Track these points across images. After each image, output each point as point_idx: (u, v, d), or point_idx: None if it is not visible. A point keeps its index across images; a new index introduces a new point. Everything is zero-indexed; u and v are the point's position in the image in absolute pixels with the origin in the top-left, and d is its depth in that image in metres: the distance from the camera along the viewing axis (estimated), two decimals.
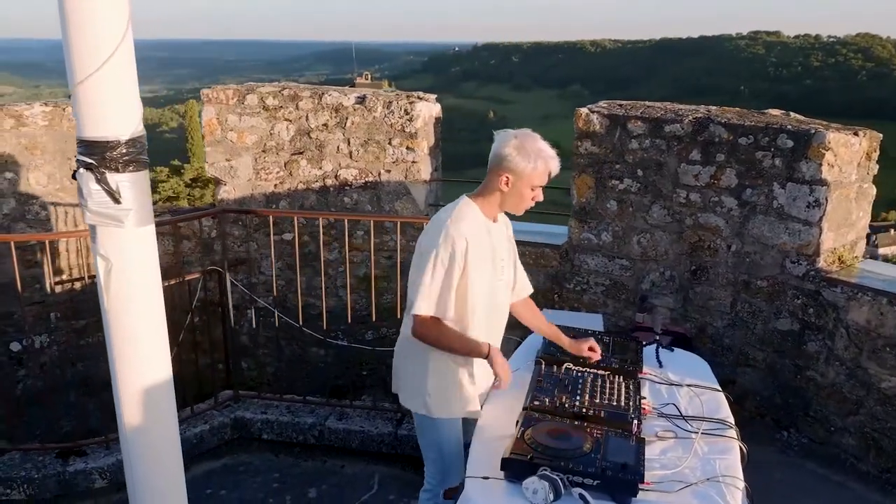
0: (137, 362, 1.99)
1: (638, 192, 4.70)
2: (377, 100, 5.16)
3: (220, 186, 5.50)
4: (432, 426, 2.82)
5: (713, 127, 4.37)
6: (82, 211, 1.84)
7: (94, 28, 1.74)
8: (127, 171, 1.85)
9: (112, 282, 1.89)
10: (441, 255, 2.51)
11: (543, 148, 2.56)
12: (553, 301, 5.18)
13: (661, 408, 2.92)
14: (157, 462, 2.09)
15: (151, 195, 1.94)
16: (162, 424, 2.06)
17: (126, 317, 1.94)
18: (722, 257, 4.49)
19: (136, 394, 1.99)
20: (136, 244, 1.92)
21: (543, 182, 2.60)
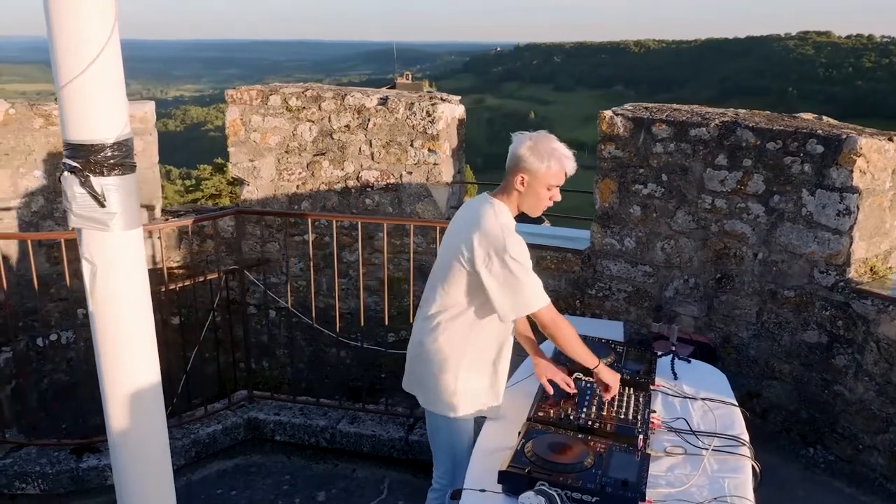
0: (124, 366, 1.98)
1: (662, 198, 4.58)
2: (399, 101, 5.14)
3: (244, 187, 5.53)
4: (449, 426, 2.79)
5: (740, 131, 4.23)
6: (67, 214, 1.83)
7: (79, 30, 1.74)
8: (112, 174, 1.84)
9: (97, 285, 1.88)
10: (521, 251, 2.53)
11: (557, 148, 2.56)
12: (574, 307, 5.08)
13: (672, 422, 2.83)
14: (145, 466, 2.08)
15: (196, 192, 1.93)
16: (150, 428, 2.05)
17: (112, 320, 1.94)
18: (748, 266, 4.34)
19: (122, 397, 1.99)
20: (123, 248, 1.91)
21: (559, 182, 2.60)
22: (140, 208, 5.48)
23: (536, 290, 2.55)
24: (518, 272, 2.51)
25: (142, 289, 1.97)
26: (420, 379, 2.79)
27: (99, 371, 1.98)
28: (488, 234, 2.51)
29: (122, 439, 2.03)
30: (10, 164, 4.91)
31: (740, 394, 4.48)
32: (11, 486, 3.65)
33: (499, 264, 2.49)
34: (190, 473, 3.98)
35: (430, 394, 2.76)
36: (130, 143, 1.88)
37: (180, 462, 3.94)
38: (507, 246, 2.49)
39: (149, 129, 5.44)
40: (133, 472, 2.07)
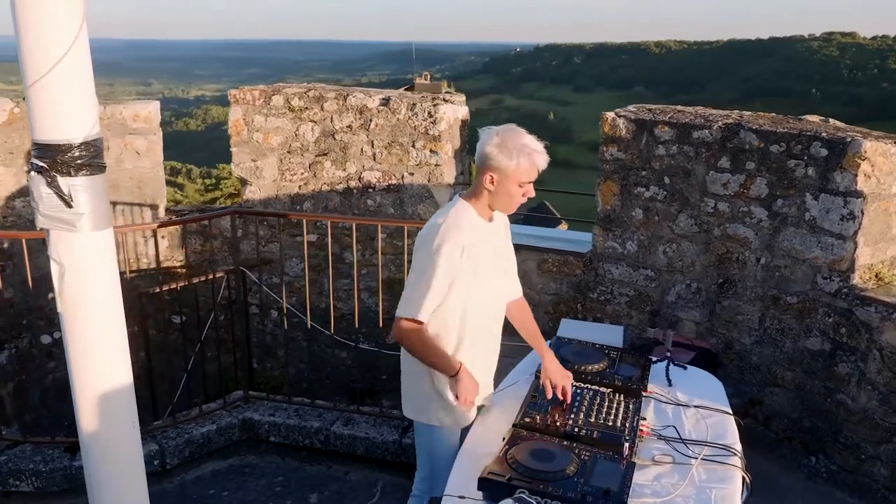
0: (94, 368, 1.97)
1: (664, 201, 4.51)
2: (401, 102, 5.11)
3: (246, 187, 5.54)
4: (430, 433, 2.75)
5: (743, 133, 4.16)
6: (34, 214, 1.82)
7: (46, 29, 1.73)
8: (80, 174, 1.83)
9: (66, 286, 1.87)
10: (440, 260, 2.43)
11: (527, 143, 2.45)
12: (576, 310, 5.03)
13: (662, 429, 2.77)
14: (117, 469, 2.07)
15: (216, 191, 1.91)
16: (121, 430, 2.04)
17: (82, 322, 1.93)
18: (750, 270, 4.27)
19: (93, 399, 1.98)
20: (92, 248, 1.89)
21: (531, 178, 2.49)
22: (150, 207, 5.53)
23: (415, 301, 2.43)
24: (420, 277, 2.43)
25: (112, 290, 1.96)
26: (402, 386, 2.76)
27: (69, 372, 1.97)
28: (426, 238, 2.48)
29: (92, 441, 2.02)
30: (15, 163, 4.95)
31: (742, 401, 4.42)
32: (6, 484, 3.67)
33: (414, 261, 2.49)
34: (184, 473, 3.98)
35: (409, 401, 2.73)
36: (100, 144, 1.87)
37: (174, 462, 3.94)
38: (434, 241, 2.42)
39: (153, 129, 5.47)
40: (105, 474, 2.05)
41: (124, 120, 5.30)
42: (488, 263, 2.56)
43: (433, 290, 2.42)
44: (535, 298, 5.18)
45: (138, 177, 5.46)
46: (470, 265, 2.46)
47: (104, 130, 5.21)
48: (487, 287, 2.58)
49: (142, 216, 5.50)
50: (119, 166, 5.34)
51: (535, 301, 5.18)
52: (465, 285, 2.49)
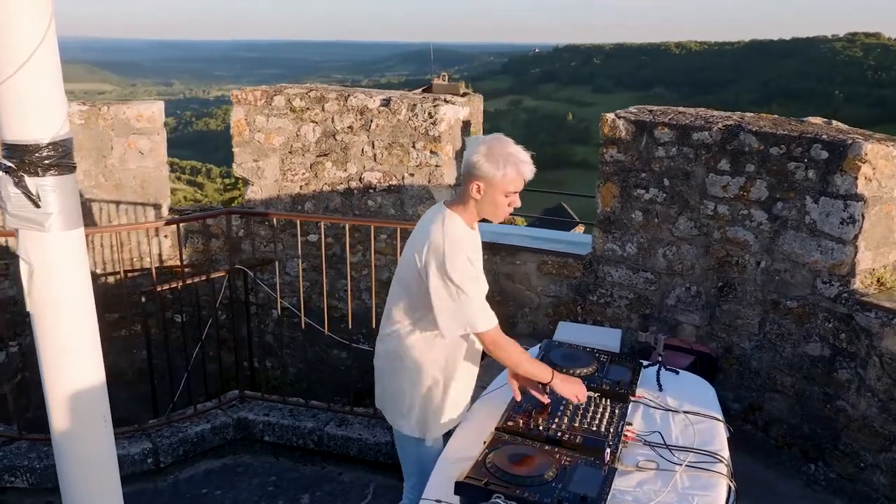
0: (65, 368, 1.98)
1: (664, 203, 4.46)
2: (402, 102, 5.10)
3: (248, 187, 5.56)
4: (417, 445, 2.75)
5: (743, 135, 4.10)
6: (2, 214, 1.83)
7: (13, 30, 1.73)
8: (49, 174, 1.83)
9: (35, 286, 1.88)
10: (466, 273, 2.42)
11: (514, 152, 2.44)
12: (576, 313, 4.99)
13: (648, 435, 2.74)
14: (89, 468, 2.07)
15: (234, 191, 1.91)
16: (93, 431, 2.05)
17: (52, 321, 1.94)
18: (750, 274, 4.21)
19: (64, 399, 1.98)
20: (62, 248, 1.90)
21: (518, 188, 2.48)
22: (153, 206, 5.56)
23: (478, 310, 2.45)
24: (459, 289, 2.41)
25: (82, 290, 1.97)
26: (383, 395, 2.74)
27: (41, 373, 1.98)
28: (434, 248, 2.45)
29: (64, 440, 2.03)
30: None
31: (742, 406, 4.37)
32: (1, 479, 3.71)
33: (439, 279, 2.42)
34: (178, 472, 4.00)
35: (394, 412, 2.72)
36: (69, 144, 1.87)
37: (168, 460, 3.96)
38: (446, 262, 2.40)
39: (156, 129, 5.51)
40: (77, 473, 2.06)
41: (128, 120, 5.34)
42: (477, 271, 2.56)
43: (479, 295, 2.45)
44: (534, 301, 5.15)
45: (142, 176, 5.50)
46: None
47: (108, 130, 5.29)
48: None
49: (145, 215, 5.55)
50: (123, 166, 5.39)
51: (534, 303, 5.15)
52: None
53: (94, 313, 2.02)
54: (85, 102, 5.24)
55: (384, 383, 2.75)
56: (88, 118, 5.18)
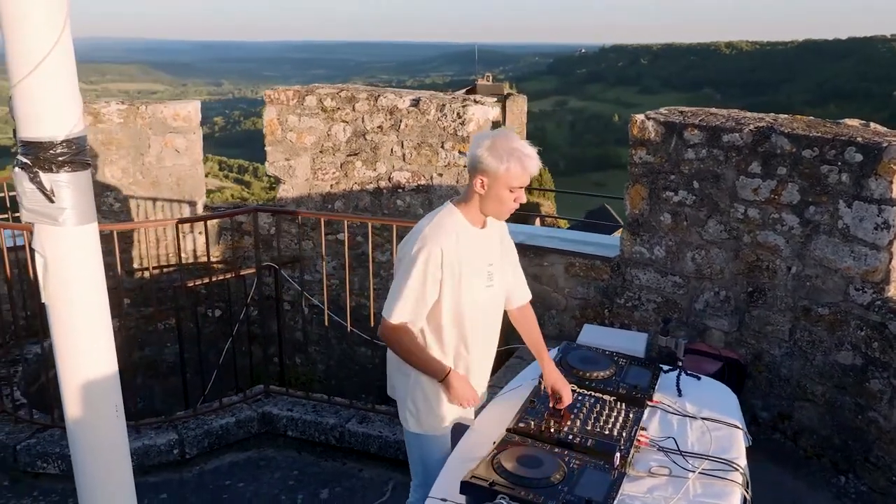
0: (79, 358, 2.04)
1: (693, 206, 4.39)
2: (431, 102, 5.12)
3: (280, 185, 5.64)
4: (416, 440, 2.76)
5: (775, 137, 4.01)
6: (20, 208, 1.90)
7: (30, 30, 1.80)
8: (63, 171, 1.89)
9: (49, 278, 1.94)
10: (417, 263, 2.43)
11: (518, 147, 2.40)
12: (603, 316, 4.94)
13: (662, 441, 2.70)
14: (101, 457, 2.14)
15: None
16: (105, 420, 2.11)
17: (66, 313, 2.00)
18: (781, 279, 4.11)
19: (77, 388, 2.05)
20: (76, 242, 1.96)
21: (522, 183, 2.44)
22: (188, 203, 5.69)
23: (398, 302, 2.42)
24: (401, 278, 2.43)
25: (96, 283, 2.03)
26: (392, 391, 2.76)
27: (56, 363, 2.05)
28: (408, 239, 2.48)
29: (77, 428, 2.09)
30: None
31: (771, 415, 4.27)
32: (34, 465, 3.84)
33: (397, 262, 2.49)
34: (203, 463, 4.08)
35: (399, 407, 2.73)
36: (82, 142, 1.93)
37: (193, 452, 4.05)
38: (412, 254, 2.42)
39: (192, 128, 5.63)
40: (90, 463, 2.13)
41: (165, 119, 5.47)
42: (474, 269, 2.54)
43: (410, 292, 2.42)
44: (561, 303, 5.11)
45: (178, 174, 5.63)
46: (451, 269, 2.45)
47: (146, 129, 5.43)
48: (473, 293, 2.55)
49: (180, 212, 5.67)
50: (159, 164, 5.52)
51: (561, 305, 5.12)
52: (450, 289, 2.48)
53: (107, 306, 2.08)
54: (124, 102, 5.39)
55: (391, 375, 2.77)
56: (127, 117, 5.33)
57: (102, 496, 2.18)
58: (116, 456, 2.18)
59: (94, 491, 2.16)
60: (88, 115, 5.21)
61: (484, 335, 2.72)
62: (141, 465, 3.92)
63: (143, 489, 3.85)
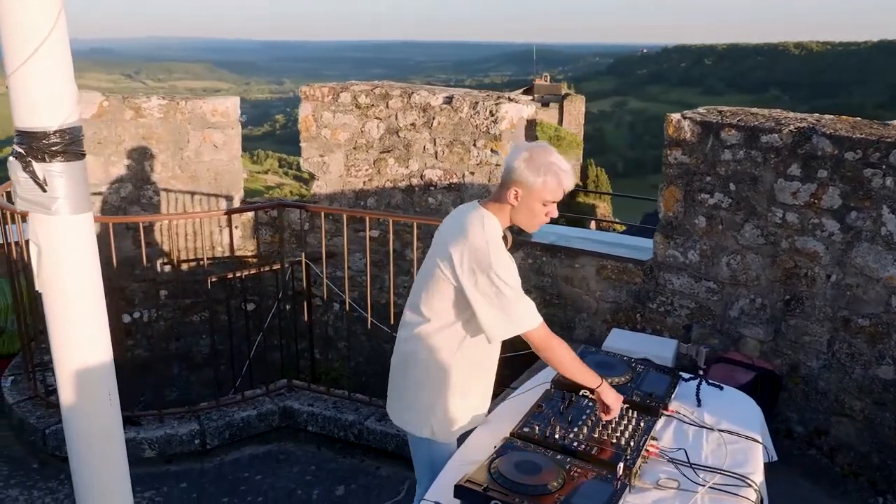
0: (72, 347, 2.07)
1: (729, 209, 4.22)
2: (464, 100, 5.07)
3: (314, 181, 5.67)
4: (429, 447, 2.71)
5: (816, 139, 3.82)
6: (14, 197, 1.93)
7: (24, 20, 1.82)
8: (56, 160, 1.92)
9: (43, 267, 1.97)
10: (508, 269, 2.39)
11: (555, 161, 2.37)
12: (635, 320, 4.81)
13: (673, 452, 2.59)
14: (95, 444, 2.16)
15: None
16: (99, 408, 2.13)
17: (60, 301, 2.03)
18: (820, 288, 3.92)
19: (71, 376, 2.07)
20: (69, 232, 1.98)
21: (556, 197, 2.41)
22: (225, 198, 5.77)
23: (527, 310, 2.40)
24: (505, 290, 2.35)
25: (89, 272, 2.05)
26: (400, 395, 2.70)
27: (52, 351, 2.08)
28: (473, 248, 2.37)
29: (71, 416, 2.12)
30: (103, 153, 5.31)
31: (807, 430, 4.08)
32: (61, 449, 3.93)
33: (485, 281, 2.35)
34: (224, 454, 4.13)
35: (410, 412, 2.66)
36: (77, 132, 1.95)
37: (214, 442, 4.09)
38: (492, 263, 2.34)
39: (230, 123, 5.71)
40: (84, 450, 2.15)
41: (204, 114, 5.56)
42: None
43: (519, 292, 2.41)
44: (592, 306, 4.99)
45: (215, 169, 5.72)
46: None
47: (185, 124, 5.52)
48: None
49: (217, 206, 5.76)
50: (198, 158, 5.62)
51: (592, 308, 5.00)
52: None
53: (102, 295, 2.10)
54: (164, 97, 5.50)
55: (400, 383, 2.71)
56: (167, 112, 5.43)
57: (97, 483, 2.20)
58: (111, 443, 2.21)
59: (89, 478, 2.19)
60: (130, 109, 5.33)
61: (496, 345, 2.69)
62: (163, 453, 4.00)
63: (164, 477, 3.94)
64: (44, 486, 3.80)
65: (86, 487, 2.18)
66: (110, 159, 5.35)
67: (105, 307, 2.11)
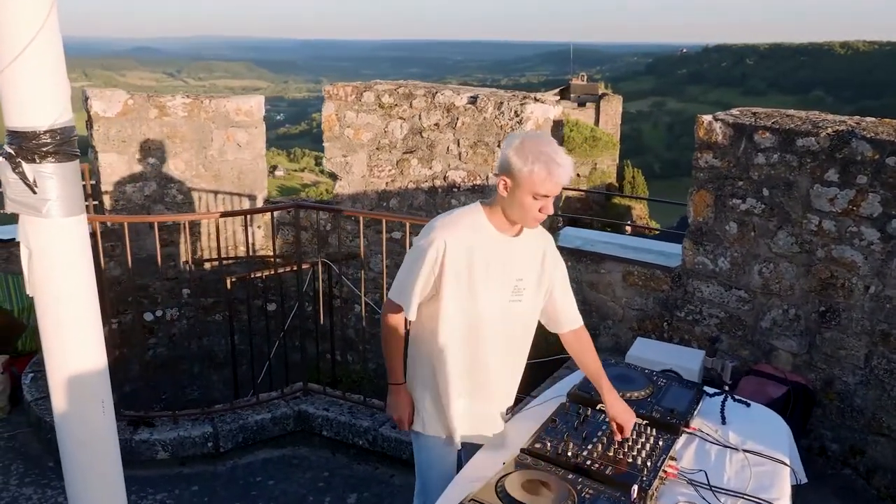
0: (66, 351, 2.01)
1: (762, 215, 4.04)
2: (488, 100, 4.95)
3: (336, 181, 5.61)
4: (417, 441, 2.63)
5: (855, 142, 3.62)
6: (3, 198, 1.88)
7: (13, 18, 1.76)
8: (47, 161, 1.86)
9: (34, 269, 1.92)
10: (415, 251, 2.34)
11: (547, 151, 2.20)
12: (662, 329, 4.65)
13: (693, 473, 2.45)
14: (87, 451, 2.11)
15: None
16: (91, 415, 2.07)
17: (52, 305, 1.97)
18: (857, 300, 3.72)
19: (63, 382, 2.02)
20: (60, 234, 1.93)
21: (547, 191, 2.23)
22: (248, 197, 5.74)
23: (402, 282, 2.35)
24: (407, 259, 2.36)
25: (83, 275, 1.99)
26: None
27: (44, 354, 2.02)
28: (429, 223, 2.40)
29: (64, 422, 2.07)
30: (127, 151, 5.32)
31: (842, 448, 3.88)
32: None
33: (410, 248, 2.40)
34: (238, 458, 4.08)
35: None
36: (69, 132, 1.89)
37: (228, 445, 4.05)
38: (417, 243, 2.34)
39: (254, 122, 5.68)
40: (76, 457, 2.10)
41: (227, 113, 5.53)
42: (491, 277, 2.37)
43: (415, 277, 2.31)
44: (618, 313, 4.84)
45: (239, 168, 5.69)
46: (455, 267, 2.29)
47: (209, 123, 5.50)
48: (491, 304, 2.38)
49: (240, 205, 5.74)
50: (221, 157, 5.60)
51: (618, 315, 4.85)
52: (454, 291, 2.32)
53: (96, 299, 2.04)
54: (188, 95, 5.49)
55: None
56: (191, 111, 5.42)
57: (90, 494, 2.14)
58: (104, 453, 2.15)
59: (82, 489, 2.14)
60: (154, 108, 5.33)
61: (506, 354, 2.54)
62: (176, 455, 3.96)
63: (177, 480, 3.90)
64: (58, 486, 3.79)
65: (79, 499, 2.13)
66: (134, 157, 5.35)
67: (99, 312, 2.05)
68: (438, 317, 2.37)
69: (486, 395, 2.52)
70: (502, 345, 2.51)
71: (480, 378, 2.48)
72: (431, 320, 2.39)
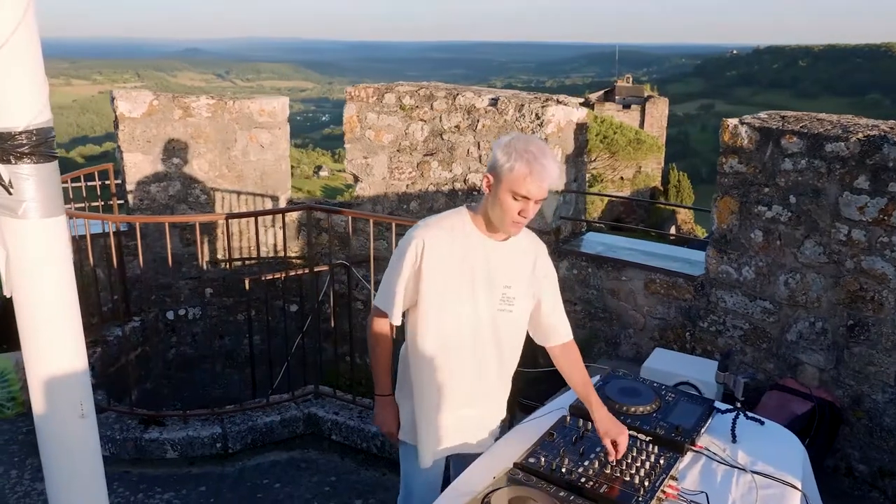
0: (44, 354, 1.99)
1: (788, 223, 3.87)
2: (510, 103, 4.87)
3: (357, 184, 5.58)
4: (404, 450, 2.58)
5: (887, 148, 3.44)
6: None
7: None
8: (23, 161, 1.84)
9: (11, 272, 1.91)
10: (396, 253, 2.30)
11: (532, 150, 2.10)
12: (684, 339, 4.49)
13: (694, 495, 2.34)
14: (66, 453, 2.09)
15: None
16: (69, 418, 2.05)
17: (29, 306, 1.96)
18: (888, 314, 3.53)
19: (41, 384, 2.00)
20: (39, 236, 1.91)
21: (530, 193, 2.12)
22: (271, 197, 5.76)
23: (382, 291, 2.30)
24: (389, 263, 2.31)
25: (62, 278, 1.97)
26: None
27: (24, 356, 2.01)
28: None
29: (43, 424, 2.05)
30: (152, 151, 5.38)
31: (870, 469, 3.70)
32: None
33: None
34: (246, 459, 4.07)
35: None
36: (46, 132, 1.87)
37: (236, 447, 4.04)
38: (400, 245, 2.29)
39: (278, 123, 5.69)
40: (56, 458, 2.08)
41: (251, 114, 5.56)
42: (473, 279, 2.28)
43: (396, 279, 2.26)
44: (639, 321, 4.70)
45: (262, 168, 5.70)
46: (434, 267, 2.22)
47: (233, 123, 5.53)
48: (467, 306, 2.30)
49: (263, 206, 5.75)
50: (245, 158, 5.62)
51: (639, 324, 4.71)
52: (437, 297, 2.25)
53: (76, 301, 2.01)
54: (213, 96, 5.53)
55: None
56: (215, 111, 5.45)
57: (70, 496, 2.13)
58: (83, 455, 2.13)
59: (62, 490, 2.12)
60: (179, 108, 5.38)
61: (498, 363, 2.46)
62: (185, 455, 3.97)
63: (185, 479, 3.91)
64: None
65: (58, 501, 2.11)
66: (159, 157, 5.40)
67: (79, 314, 2.03)
68: (421, 322, 2.30)
69: (471, 405, 2.45)
70: (492, 356, 2.43)
71: (465, 387, 2.40)
72: (414, 326, 2.33)
